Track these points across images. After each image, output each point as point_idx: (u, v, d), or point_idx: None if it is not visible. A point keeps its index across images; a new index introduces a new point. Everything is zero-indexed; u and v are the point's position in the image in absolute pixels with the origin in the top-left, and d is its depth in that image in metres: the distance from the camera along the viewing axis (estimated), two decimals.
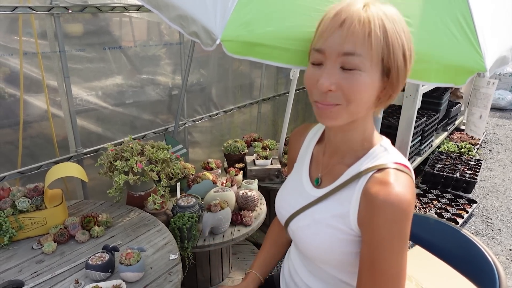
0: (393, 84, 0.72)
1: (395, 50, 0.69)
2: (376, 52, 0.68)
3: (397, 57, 0.69)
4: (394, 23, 0.68)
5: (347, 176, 0.79)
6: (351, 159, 0.81)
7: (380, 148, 0.80)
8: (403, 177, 0.73)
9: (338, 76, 0.69)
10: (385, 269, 0.70)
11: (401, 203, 0.68)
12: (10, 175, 1.68)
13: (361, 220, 0.74)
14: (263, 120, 3.37)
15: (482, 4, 0.96)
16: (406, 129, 3.06)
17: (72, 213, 1.54)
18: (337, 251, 0.78)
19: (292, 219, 0.88)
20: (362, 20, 0.66)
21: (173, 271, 1.22)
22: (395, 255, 0.70)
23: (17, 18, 1.61)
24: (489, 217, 3.04)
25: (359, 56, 0.67)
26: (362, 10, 0.67)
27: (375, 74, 0.70)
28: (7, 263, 1.23)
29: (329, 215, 0.79)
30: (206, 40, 0.88)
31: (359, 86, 0.69)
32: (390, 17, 0.68)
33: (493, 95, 6.25)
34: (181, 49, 2.36)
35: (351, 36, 0.67)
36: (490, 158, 4.25)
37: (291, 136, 1.04)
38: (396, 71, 0.70)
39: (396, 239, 0.70)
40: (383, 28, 0.67)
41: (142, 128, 2.28)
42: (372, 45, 0.67)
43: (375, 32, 0.66)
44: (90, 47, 1.89)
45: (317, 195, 0.84)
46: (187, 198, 1.72)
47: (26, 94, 1.71)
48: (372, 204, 0.71)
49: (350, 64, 0.68)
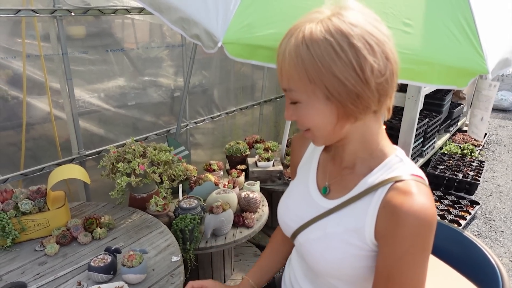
0: (343, 102, 0.67)
1: (322, 75, 0.65)
2: (303, 84, 0.67)
3: (328, 79, 0.65)
4: (316, 44, 0.64)
5: (361, 187, 0.76)
6: (363, 169, 0.78)
7: (395, 158, 0.76)
8: (424, 188, 0.70)
9: (291, 108, 0.74)
10: (404, 284, 0.68)
11: (426, 215, 0.66)
12: (13, 177, 1.69)
13: (380, 233, 0.71)
14: (265, 122, 3.37)
15: (484, 7, 0.96)
16: (408, 131, 3.05)
17: (75, 215, 1.54)
18: (349, 266, 0.75)
19: (301, 231, 0.84)
20: (281, 58, 0.68)
21: (175, 273, 1.22)
22: (417, 269, 0.68)
23: (20, 20, 1.62)
24: (492, 219, 3.03)
25: (293, 91, 0.70)
26: (285, 44, 0.68)
27: (316, 102, 0.68)
28: (10, 264, 1.24)
29: (342, 229, 0.76)
30: (207, 42, 0.89)
31: (305, 117, 0.72)
32: (314, 37, 0.64)
33: (496, 97, 6.26)
34: (183, 51, 2.37)
35: (280, 75, 0.70)
36: (493, 160, 4.24)
37: (293, 139, 1.02)
38: (335, 90, 0.66)
39: (419, 252, 0.67)
40: (300, 57, 0.65)
41: (144, 130, 2.28)
42: (295, 80, 0.68)
43: (293, 66, 0.66)
44: (92, 49, 1.90)
45: (328, 207, 0.80)
46: (189, 200, 1.72)
47: (29, 96, 1.72)
48: (394, 215, 0.68)
49: (290, 98, 0.72)
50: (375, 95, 0.67)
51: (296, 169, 0.97)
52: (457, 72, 0.90)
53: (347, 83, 0.65)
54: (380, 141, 0.77)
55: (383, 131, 0.78)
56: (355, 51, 0.63)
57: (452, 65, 0.90)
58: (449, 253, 1.18)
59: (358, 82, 0.65)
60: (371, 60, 0.64)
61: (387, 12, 0.87)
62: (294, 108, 0.73)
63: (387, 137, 0.80)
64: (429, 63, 0.88)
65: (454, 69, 0.90)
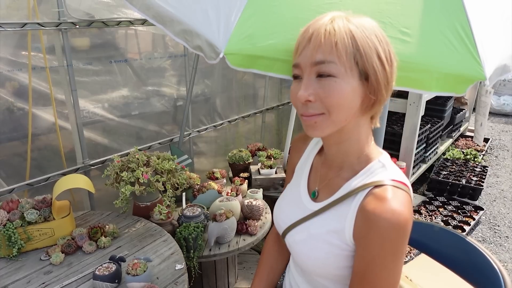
0: (374, 87, 0.72)
1: (367, 53, 0.70)
2: (347, 58, 0.69)
3: (371, 59, 0.70)
4: (363, 29, 0.70)
5: (344, 191, 0.79)
6: (348, 173, 0.81)
7: (378, 163, 0.79)
8: (401, 194, 0.72)
9: (315, 86, 0.71)
10: (375, 285, 0.71)
11: (397, 220, 0.68)
12: (19, 187, 1.71)
13: (356, 235, 0.74)
14: (267, 130, 3.39)
15: (481, 13, 0.98)
16: (410, 137, 3.06)
17: (79, 224, 1.55)
18: (333, 265, 0.78)
19: (289, 231, 0.88)
20: (328, 30, 0.69)
21: (179, 281, 1.23)
22: (387, 272, 0.71)
23: (26, 33, 1.66)
24: (496, 224, 3.02)
25: (331, 63, 0.69)
26: (328, 22, 0.70)
27: (351, 79, 0.70)
28: (15, 274, 1.25)
29: (324, 231, 0.79)
30: (209, 53, 0.91)
31: (336, 92, 0.70)
32: (357, 24, 0.70)
33: (499, 102, 6.25)
34: (186, 61, 2.40)
35: (319, 47, 0.69)
36: (497, 165, 4.22)
37: (293, 142, 1.04)
38: (374, 73, 0.71)
39: (390, 256, 0.69)
40: (350, 34, 0.69)
41: (148, 139, 2.31)
42: (341, 52, 0.68)
43: (342, 39, 0.68)
44: (96, 60, 1.93)
45: (313, 209, 0.84)
46: (193, 208, 1.73)
47: (34, 107, 1.75)
48: (367, 219, 0.71)
49: (323, 71, 0.70)
50: (385, 87, 0.73)
51: (293, 170, 1.00)
52: (455, 79, 0.92)
53: (386, 67, 0.72)
54: (368, 146, 0.81)
55: (372, 137, 0.83)
56: (386, 42, 0.73)
57: (449, 72, 0.91)
58: (452, 259, 1.19)
59: (390, 70, 0.73)
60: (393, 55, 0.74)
61: (385, 22, 0.88)
62: (321, 84, 0.71)
63: (375, 143, 0.83)
64: (426, 70, 0.90)
65: (452, 76, 0.91)
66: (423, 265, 1.40)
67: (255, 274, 1.09)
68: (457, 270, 1.16)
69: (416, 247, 1.28)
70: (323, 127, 0.74)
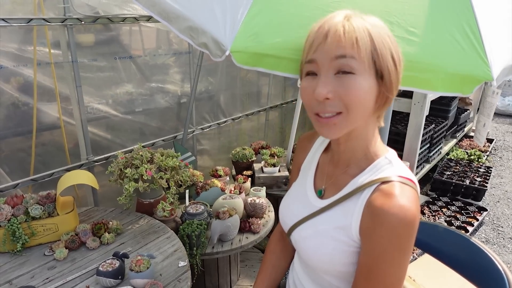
0: (387, 86, 0.73)
1: (383, 53, 0.70)
2: (366, 55, 0.69)
3: (387, 59, 0.71)
4: (378, 28, 0.71)
5: (350, 187, 0.79)
6: (355, 170, 0.81)
7: (384, 160, 0.79)
8: (408, 190, 0.72)
9: (334, 83, 0.70)
10: (381, 280, 0.71)
11: (405, 215, 0.68)
12: (23, 182, 1.72)
13: (362, 231, 0.74)
14: (270, 128, 3.39)
15: (489, 14, 0.97)
16: (414, 136, 3.05)
17: (83, 220, 1.56)
18: (340, 262, 0.78)
19: (295, 229, 0.88)
20: (346, 27, 0.68)
21: (182, 278, 1.23)
22: (394, 268, 0.70)
23: (32, 29, 1.66)
24: (500, 225, 3.00)
25: (352, 58, 0.68)
26: (344, 20, 0.70)
27: (369, 77, 0.70)
28: (19, 269, 1.26)
29: (331, 227, 0.79)
30: (215, 51, 0.91)
31: (356, 90, 0.69)
32: (372, 23, 0.71)
33: (503, 102, 6.21)
34: (190, 58, 2.40)
35: (339, 42, 0.68)
36: (501, 165, 4.20)
37: (299, 140, 1.04)
38: (388, 72, 0.71)
39: (397, 251, 0.69)
40: (368, 32, 0.69)
41: (152, 136, 2.31)
42: (361, 49, 0.68)
43: (362, 37, 0.68)
44: (101, 56, 1.93)
45: (320, 206, 0.84)
46: (196, 206, 1.74)
47: (39, 103, 1.75)
48: (375, 215, 0.71)
49: (344, 66, 0.69)
50: (395, 87, 0.74)
51: (298, 169, 1.00)
52: (461, 80, 0.91)
53: (398, 67, 0.73)
54: (375, 143, 0.81)
55: (378, 135, 0.83)
56: (396, 43, 0.73)
57: (456, 72, 0.90)
58: (456, 260, 1.18)
59: (400, 70, 0.74)
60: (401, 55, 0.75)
61: (392, 21, 0.88)
62: (340, 81, 0.70)
63: (381, 140, 0.83)
64: (433, 70, 0.89)
65: (458, 76, 0.90)
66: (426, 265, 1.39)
67: (258, 272, 1.09)
68: (460, 270, 1.16)
69: (419, 247, 1.27)
70: (342, 128, 0.73)
